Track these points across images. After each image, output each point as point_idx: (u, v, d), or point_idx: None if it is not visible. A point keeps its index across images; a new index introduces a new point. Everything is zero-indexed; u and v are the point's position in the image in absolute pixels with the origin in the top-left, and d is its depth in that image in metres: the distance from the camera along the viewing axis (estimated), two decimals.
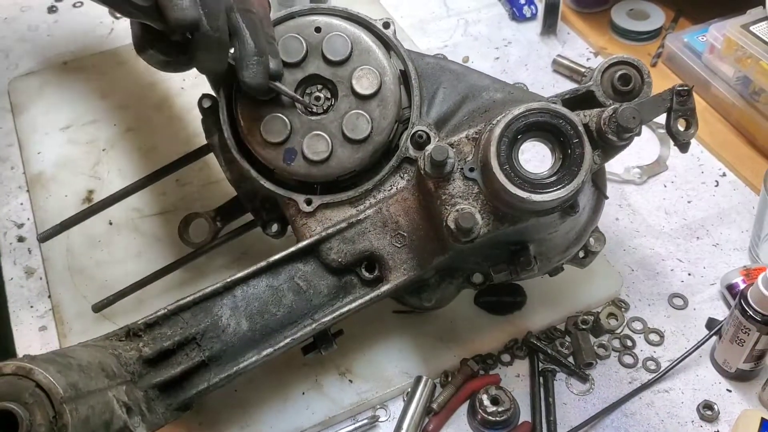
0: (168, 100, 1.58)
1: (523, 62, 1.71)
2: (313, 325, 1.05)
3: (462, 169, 0.98)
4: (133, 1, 0.93)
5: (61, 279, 1.31)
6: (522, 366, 1.22)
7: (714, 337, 1.19)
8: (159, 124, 1.54)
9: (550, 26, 1.75)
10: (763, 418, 1.08)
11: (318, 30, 1.10)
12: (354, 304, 1.05)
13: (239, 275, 1.04)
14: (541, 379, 1.19)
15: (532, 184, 0.92)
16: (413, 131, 1.10)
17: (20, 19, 1.80)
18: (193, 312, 1.03)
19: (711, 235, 1.38)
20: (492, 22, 1.81)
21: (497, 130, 0.94)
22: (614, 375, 1.20)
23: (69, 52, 1.71)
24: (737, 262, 1.33)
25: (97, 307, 1.22)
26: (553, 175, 0.94)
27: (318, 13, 1.11)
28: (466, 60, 1.70)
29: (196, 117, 1.18)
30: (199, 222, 1.23)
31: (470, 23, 1.81)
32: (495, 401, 1.13)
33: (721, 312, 1.27)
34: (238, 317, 1.04)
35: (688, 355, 1.19)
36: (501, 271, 1.07)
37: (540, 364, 1.21)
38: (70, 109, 1.58)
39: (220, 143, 1.13)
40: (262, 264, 1.05)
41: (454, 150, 0.98)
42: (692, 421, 1.15)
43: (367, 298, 1.06)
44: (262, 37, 1.02)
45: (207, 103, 1.13)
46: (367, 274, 1.07)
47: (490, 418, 1.12)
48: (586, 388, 1.19)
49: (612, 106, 0.96)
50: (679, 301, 1.28)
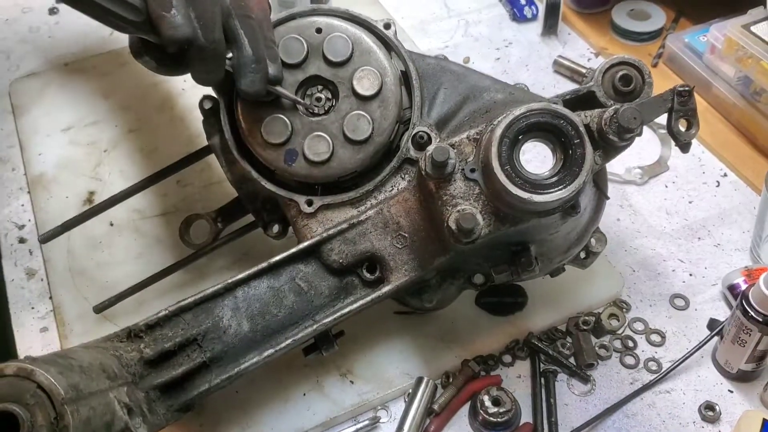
0: (169, 102, 1.58)
1: (523, 63, 1.71)
2: (315, 326, 1.04)
3: (463, 169, 0.97)
4: (125, 17, 0.93)
5: (62, 280, 1.31)
6: (523, 367, 1.22)
7: (715, 338, 1.19)
8: (160, 125, 1.54)
9: (550, 27, 1.75)
10: (764, 419, 1.08)
11: (319, 31, 1.10)
12: (355, 305, 1.05)
13: (240, 276, 1.04)
14: (543, 380, 1.19)
15: (533, 184, 0.92)
16: (414, 132, 1.10)
17: (21, 21, 1.81)
18: (194, 313, 1.03)
19: (712, 235, 1.38)
20: (493, 22, 1.81)
21: (498, 131, 0.94)
22: (615, 376, 1.20)
23: (70, 53, 1.71)
24: (738, 263, 1.33)
25: (99, 309, 1.22)
26: (554, 176, 0.94)
27: (319, 14, 1.11)
28: (466, 61, 1.70)
29: (197, 118, 1.19)
30: (200, 223, 1.23)
31: (471, 24, 1.81)
32: (496, 402, 1.13)
33: (722, 313, 1.27)
34: (240, 318, 1.04)
35: (690, 355, 1.19)
36: (502, 272, 1.07)
37: (541, 365, 1.21)
38: (72, 111, 1.58)
39: (221, 144, 1.13)
40: (263, 265, 1.05)
41: (455, 151, 0.98)
42: (693, 422, 1.15)
43: (368, 299, 1.06)
44: (261, 42, 1.02)
45: (208, 105, 1.13)
46: (368, 275, 1.07)
47: (492, 419, 1.12)
48: (587, 388, 1.19)
49: (613, 107, 0.96)
50: (680, 302, 1.28)
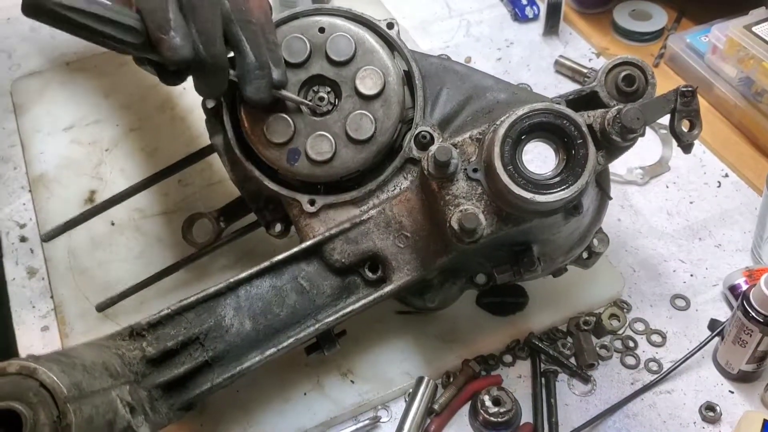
0: (171, 101, 1.58)
1: (525, 63, 1.71)
2: (317, 326, 1.05)
3: (465, 169, 0.98)
4: (124, 40, 0.93)
5: (63, 279, 1.31)
6: (524, 367, 1.22)
7: (716, 339, 1.19)
8: (162, 124, 1.54)
9: (552, 27, 1.75)
10: (765, 420, 1.08)
11: (322, 30, 1.10)
12: (357, 305, 1.05)
13: (242, 275, 1.05)
14: (543, 380, 1.19)
15: (536, 184, 0.92)
16: (417, 132, 1.10)
17: (23, 20, 1.76)
18: (196, 312, 1.03)
19: (713, 236, 1.38)
20: (494, 22, 1.81)
21: (501, 131, 0.94)
22: (616, 376, 1.20)
23: (72, 52, 1.70)
24: (739, 263, 1.33)
25: (101, 307, 1.22)
26: (556, 176, 0.94)
27: (322, 14, 1.11)
28: (468, 60, 1.70)
29: (199, 117, 1.19)
30: (202, 222, 1.23)
31: (472, 24, 1.81)
32: (497, 402, 1.13)
33: (723, 313, 1.27)
34: (242, 317, 1.04)
35: (691, 356, 1.19)
36: (504, 272, 1.07)
37: (542, 365, 1.21)
38: (73, 110, 1.58)
39: (224, 144, 1.13)
40: (266, 264, 1.05)
41: (457, 150, 0.98)
42: (694, 423, 1.15)
43: (371, 298, 1.06)
44: (264, 47, 1.01)
45: (210, 104, 1.13)
46: (370, 275, 1.07)
47: (492, 419, 1.12)
48: (587, 389, 1.19)
49: (616, 107, 0.96)
50: (681, 302, 1.28)
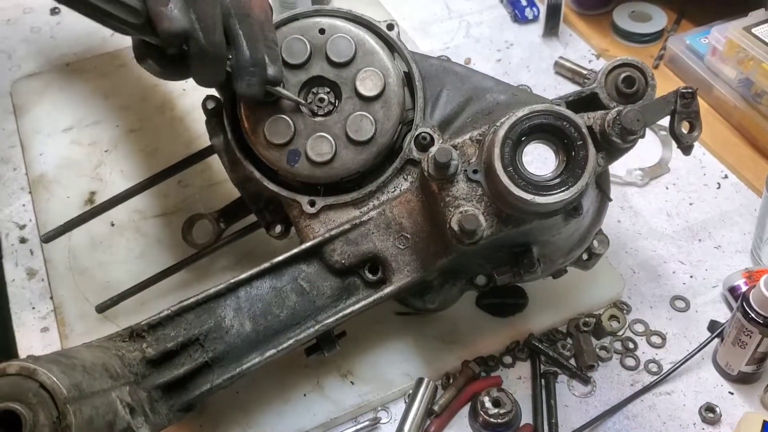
0: (170, 102, 1.58)
1: (524, 64, 1.71)
2: (316, 327, 1.05)
3: (466, 171, 0.98)
4: (125, 20, 0.93)
5: (62, 280, 1.32)
6: (523, 368, 1.22)
7: (716, 340, 1.19)
8: (161, 125, 1.54)
9: (551, 28, 1.75)
10: (765, 421, 1.08)
11: (322, 32, 1.10)
12: (357, 306, 1.06)
13: (242, 276, 1.05)
14: (543, 381, 1.19)
15: (536, 186, 0.92)
16: (417, 133, 1.10)
17: (23, 21, 1.80)
18: (196, 313, 1.03)
19: (713, 237, 1.38)
20: (494, 23, 1.81)
21: (501, 132, 0.94)
22: (616, 377, 1.20)
23: (71, 53, 1.71)
24: (739, 265, 1.33)
25: (101, 308, 1.22)
26: (556, 177, 0.94)
27: (322, 15, 1.11)
28: (467, 62, 1.70)
29: (199, 118, 1.19)
30: (202, 223, 1.23)
31: (472, 25, 1.81)
32: (496, 403, 1.13)
33: (723, 314, 1.27)
34: (242, 318, 1.04)
35: (690, 357, 1.19)
36: (504, 273, 1.07)
37: (541, 366, 1.21)
38: (73, 111, 1.58)
39: (224, 145, 1.13)
40: (266, 265, 1.05)
41: (457, 152, 0.98)
42: (694, 424, 1.15)
43: (371, 299, 1.06)
44: (260, 43, 1.01)
45: (211, 105, 1.13)
46: (370, 276, 1.07)
47: (492, 420, 1.12)
48: (587, 390, 1.19)
49: (616, 109, 0.96)
50: (681, 304, 1.28)
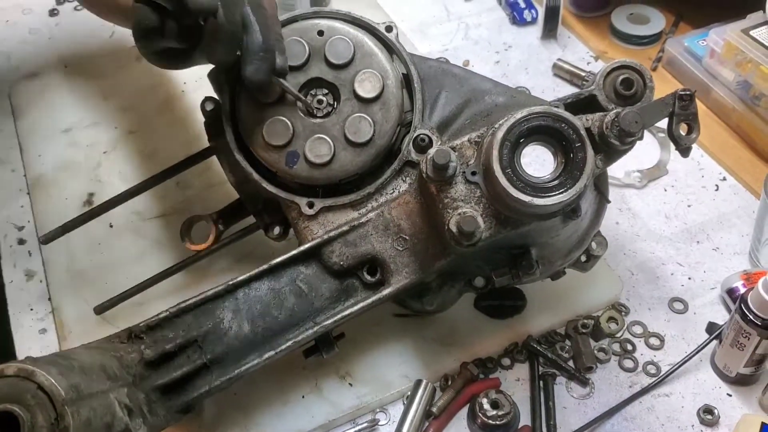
0: (169, 103, 1.58)
1: (523, 66, 1.71)
2: (315, 328, 1.05)
3: (464, 172, 0.98)
4: None
5: (61, 282, 1.31)
6: (522, 370, 1.22)
7: (714, 342, 1.20)
8: (160, 127, 1.54)
9: (550, 30, 1.75)
10: (763, 423, 1.08)
11: (321, 33, 1.10)
12: (356, 308, 1.06)
13: (241, 278, 1.05)
14: (541, 383, 1.19)
15: (535, 187, 0.92)
16: (415, 135, 1.10)
17: (22, 22, 1.80)
18: (194, 314, 1.03)
19: (711, 239, 1.38)
20: (492, 26, 1.81)
21: (499, 134, 0.94)
22: (614, 379, 1.20)
23: (70, 55, 1.71)
24: (737, 267, 1.33)
25: (99, 309, 1.22)
26: (555, 179, 0.94)
27: (321, 17, 1.12)
28: (466, 64, 1.70)
29: (197, 120, 1.19)
30: (201, 225, 1.23)
31: (471, 27, 1.81)
32: (495, 405, 1.13)
33: (721, 316, 1.27)
34: (240, 320, 1.04)
35: (689, 359, 1.19)
36: (503, 275, 1.07)
37: (540, 368, 1.21)
38: (71, 112, 1.58)
39: (223, 146, 1.13)
40: (264, 267, 1.05)
41: (456, 154, 0.98)
42: (692, 426, 1.15)
43: (369, 301, 1.06)
44: (272, 31, 1.02)
45: (209, 106, 1.14)
46: (368, 278, 1.07)
47: (490, 421, 1.11)
48: (586, 392, 1.19)
49: (614, 111, 0.97)
50: (679, 305, 1.28)
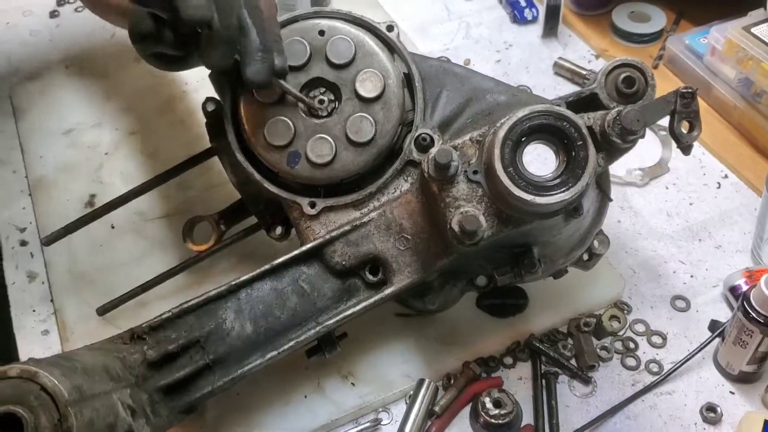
0: (170, 104, 1.58)
1: (524, 65, 1.71)
2: (317, 328, 1.05)
3: (466, 171, 0.98)
4: None
5: (63, 283, 1.31)
6: (524, 368, 1.22)
7: (717, 339, 1.20)
8: (161, 127, 1.54)
9: (551, 29, 1.75)
10: (766, 420, 1.08)
11: (322, 33, 1.10)
12: (358, 307, 1.05)
13: (243, 278, 1.04)
14: (544, 382, 1.19)
15: (536, 186, 0.92)
16: (417, 134, 1.10)
17: (22, 24, 1.80)
18: (197, 315, 1.03)
19: (713, 237, 1.38)
20: (493, 24, 1.81)
21: (501, 133, 0.94)
22: (617, 377, 1.20)
23: (71, 56, 1.71)
24: (739, 264, 1.33)
25: (101, 311, 1.23)
26: (557, 178, 0.94)
27: (321, 17, 1.12)
28: (467, 63, 1.70)
29: (198, 121, 1.19)
30: (203, 225, 1.23)
31: (471, 26, 1.81)
32: (497, 404, 1.13)
33: (723, 314, 1.27)
34: (242, 320, 1.04)
35: (691, 357, 1.19)
36: (505, 274, 1.07)
37: (542, 367, 1.21)
38: (72, 113, 1.58)
39: (224, 147, 1.13)
40: (266, 267, 1.05)
41: (457, 153, 0.98)
42: (695, 424, 1.15)
43: (371, 300, 1.06)
44: (269, 34, 1.02)
45: (211, 107, 1.14)
46: (371, 277, 1.07)
47: (493, 420, 1.11)
48: (588, 390, 1.19)
49: (616, 109, 0.97)
50: (681, 303, 1.28)
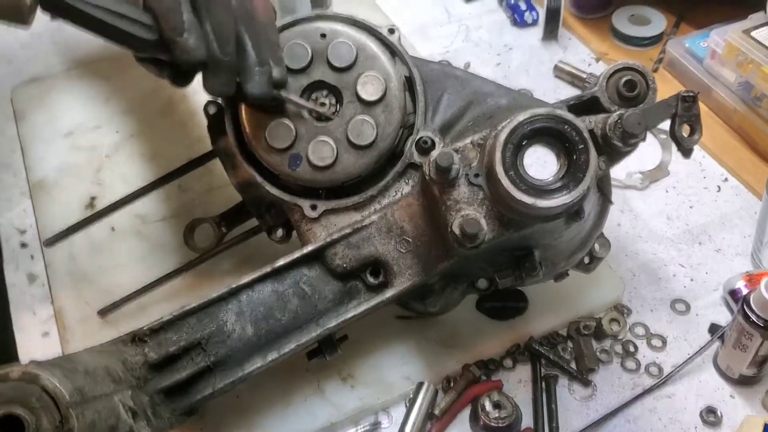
0: (171, 106, 1.58)
1: (524, 68, 1.71)
2: (318, 331, 1.05)
3: (467, 174, 0.97)
4: (137, 37, 0.92)
5: (63, 285, 1.31)
6: (524, 371, 1.22)
7: (717, 343, 1.20)
8: (162, 130, 1.54)
9: (551, 32, 1.76)
10: (766, 424, 1.08)
11: (323, 36, 1.10)
12: (359, 310, 1.06)
13: (244, 280, 1.04)
14: (543, 385, 1.19)
15: (538, 189, 0.92)
16: (418, 137, 1.10)
17: None
18: (198, 317, 1.03)
19: (713, 240, 1.38)
20: (493, 27, 1.82)
21: (502, 136, 0.94)
22: (616, 380, 1.20)
23: (72, 58, 1.71)
24: (739, 268, 1.33)
25: (102, 313, 1.23)
26: (558, 181, 0.94)
27: (323, 20, 1.12)
28: (467, 66, 1.70)
29: (199, 123, 1.19)
30: (204, 227, 1.23)
31: (471, 29, 1.81)
32: (497, 407, 1.13)
33: (723, 317, 1.27)
34: (243, 322, 1.04)
35: (691, 360, 1.19)
36: (506, 277, 1.07)
37: (542, 370, 1.21)
38: (73, 116, 1.58)
39: (226, 149, 1.14)
40: (267, 269, 1.05)
41: (458, 156, 0.98)
42: (695, 427, 1.15)
43: (372, 303, 1.06)
44: (265, 45, 1.01)
45: (212, 110, 1.14)
46: (372, 280, 1.07)
47: (492, 423, 1.12)
48: (588, 393, 1.19)
49: (617, 112, 0.97)
50: (681, 307, 1.28)
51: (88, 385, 0.85)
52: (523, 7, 1.81)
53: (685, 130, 1.06)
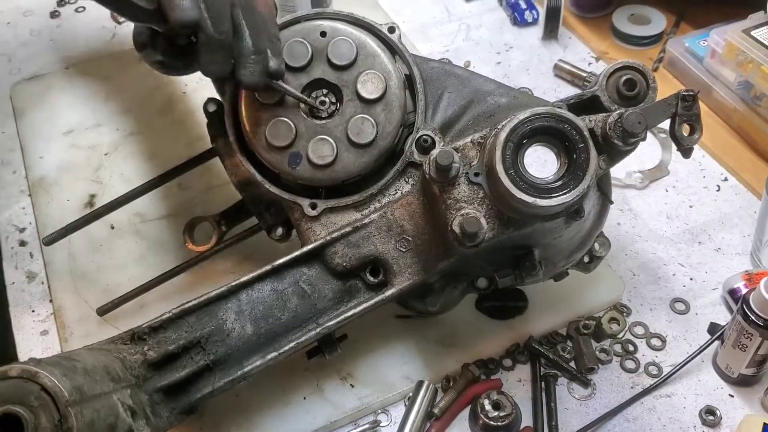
0: (170, 105, 1.58)
1: (524, 67, 1.71)
2: (318, 330, 1.05)
3: (467, 173, 0.98)
4: (137, 4, 0.93)
5: (62, 283, 1.31)
6: (523, 371, 1.22)
7: (716, 342, 1.20)
8: (162, 128, 1.54)
9: (551, 31, 1.76)
10: (765, 423, 1.08)
11: (323, 34, 1.10)
12: (358, 309, 1.05)
13: (244, 279, 1.04)
14: (543, 384, 1.19)
15: (538, 188, 0.92)
16: (418, 136, 1.10)
17: (23, 24, 1.81)
18: (197, 316, 1.03)
19: (713, 239, 1.38)
20: (493, 26, 1.82)
21: (502, 135, 0.94)
22: (616, 380, 1.20)
23: (71, 56, 1.71)
24: (739, 267, 1.33)
25: (101, 311, 1.22)
26: (558, 180, 0.94)
27: (323, 18, 1.12)
28: (467, 65, 1.70)
29: (199, 121, 1.19)
30: (203, 226, 1.23)
31: (472, 28, 1.81)
32: (496, 406, 1.13)
33: (723, 317, 1.27)
34: (243, 321, 1.03)
35: (690, 360, 1.19)
36: (506, 276, 1.07)
37: (541, 369, 1.21)
38: (73, 114, 1.58)
39: (225, 147, 1.13)
40: (267, 268, 1.05)
41: (459, 154, 0.98)
42: (694, 427, 1.15)
43: (372, 302, 1.06)
44: (264, 35, 1.02)
45: (212, 108, 1.14)
46: (371, 279, 1.07)
47: (492, 423, 1.12)
48: (587, 392, 1.19)
49: (617, 111, 0.97)
50: (681, 306, 1.28)
51: (87, 384, 0.85)
52: (524, 6, 1.81)
53: (685, 130, 1.06)
